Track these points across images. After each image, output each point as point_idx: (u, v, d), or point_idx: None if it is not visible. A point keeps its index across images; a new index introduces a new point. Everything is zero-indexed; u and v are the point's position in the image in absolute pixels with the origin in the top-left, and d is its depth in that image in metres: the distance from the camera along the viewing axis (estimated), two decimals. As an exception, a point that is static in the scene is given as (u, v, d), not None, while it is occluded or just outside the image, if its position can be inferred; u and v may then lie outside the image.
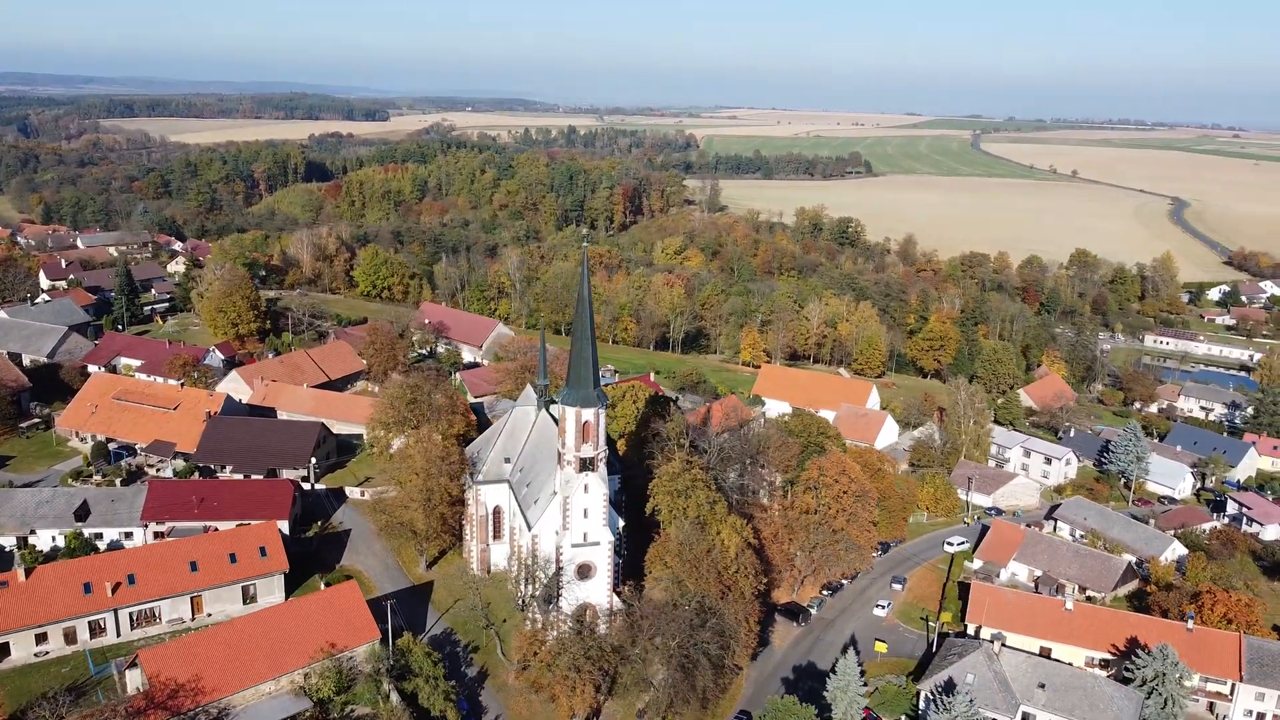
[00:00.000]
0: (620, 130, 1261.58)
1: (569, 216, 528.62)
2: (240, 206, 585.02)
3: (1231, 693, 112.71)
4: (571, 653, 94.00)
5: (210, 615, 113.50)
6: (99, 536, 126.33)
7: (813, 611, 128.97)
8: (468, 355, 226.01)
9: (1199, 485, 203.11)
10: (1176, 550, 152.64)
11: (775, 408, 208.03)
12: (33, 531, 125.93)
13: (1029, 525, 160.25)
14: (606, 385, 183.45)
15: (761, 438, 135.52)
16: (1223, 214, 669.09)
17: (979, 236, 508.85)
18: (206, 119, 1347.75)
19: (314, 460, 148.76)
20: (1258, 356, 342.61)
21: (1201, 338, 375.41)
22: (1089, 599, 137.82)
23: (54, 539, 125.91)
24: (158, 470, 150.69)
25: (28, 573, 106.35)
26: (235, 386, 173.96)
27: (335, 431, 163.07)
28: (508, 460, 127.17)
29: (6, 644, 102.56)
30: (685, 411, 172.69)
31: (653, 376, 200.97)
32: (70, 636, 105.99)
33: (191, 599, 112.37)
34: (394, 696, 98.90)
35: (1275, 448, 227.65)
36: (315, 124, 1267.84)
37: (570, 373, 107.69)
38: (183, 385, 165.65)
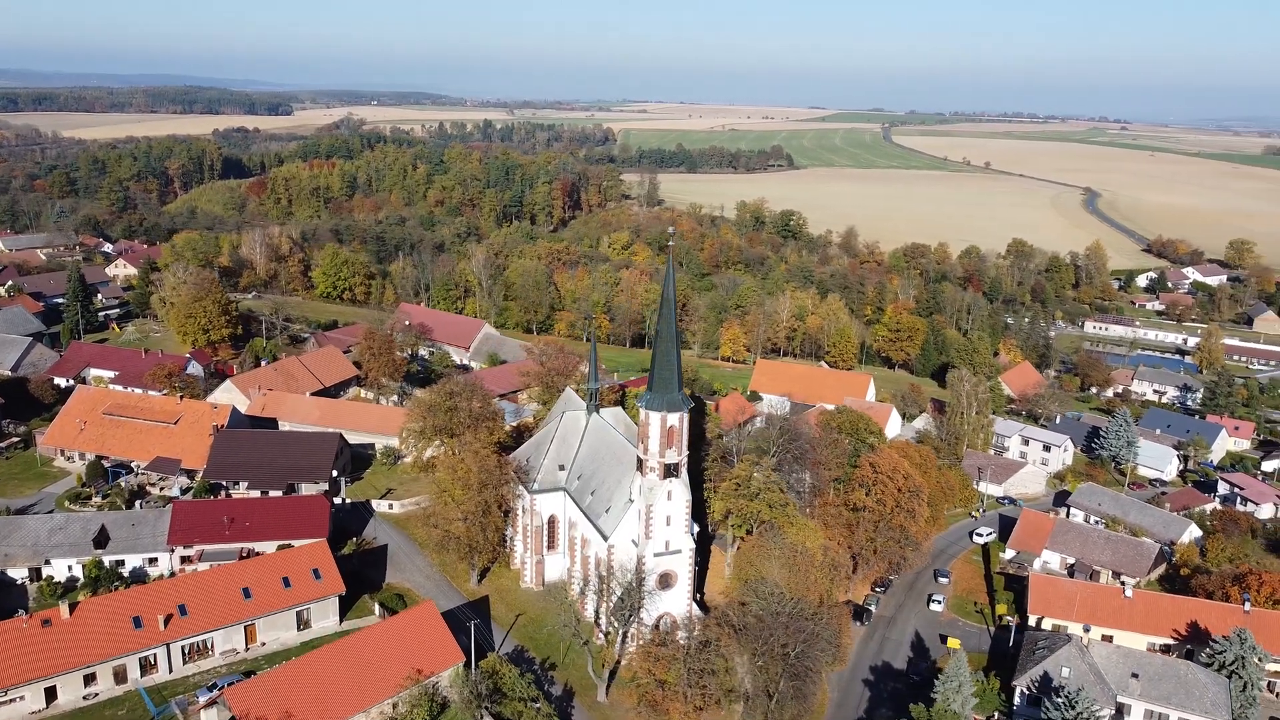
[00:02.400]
0: (537, 124, 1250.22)
1: (508, 212, 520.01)
2: (156, 205, 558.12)
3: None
4: (689, 666, 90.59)
5: (264, 644, 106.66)
6: (121, 564, 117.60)
7: (872, 609, 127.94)
8: (454, 358, 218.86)
9: (1182, 468, 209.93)
10: (1192, 532, 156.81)
11: (772, 403, 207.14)
12: (47, 561, 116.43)
13: (1052, 513, 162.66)
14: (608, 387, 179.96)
15: (810, 436, 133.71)
16: (1133, 203, 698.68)
17: (910, 228, 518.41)
18: (98, 113, 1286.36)
19: (335, 473, 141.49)
20: (1192, 341, 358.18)
21: (1138, 323, 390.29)
22: (1122, 584, 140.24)
23: (70, 569, 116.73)
24: (161, 489, 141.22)
25: (72, 608, 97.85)
26: (230, 397, 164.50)
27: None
28: (562, 468, 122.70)
29: (54, 687, 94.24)
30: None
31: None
32: (120, 675, 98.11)
33: (245, 628, 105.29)
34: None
35: (1236, 428, 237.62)
36: (217, 119, 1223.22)
37: (653, 377, 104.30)
38: (181, 397, 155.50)
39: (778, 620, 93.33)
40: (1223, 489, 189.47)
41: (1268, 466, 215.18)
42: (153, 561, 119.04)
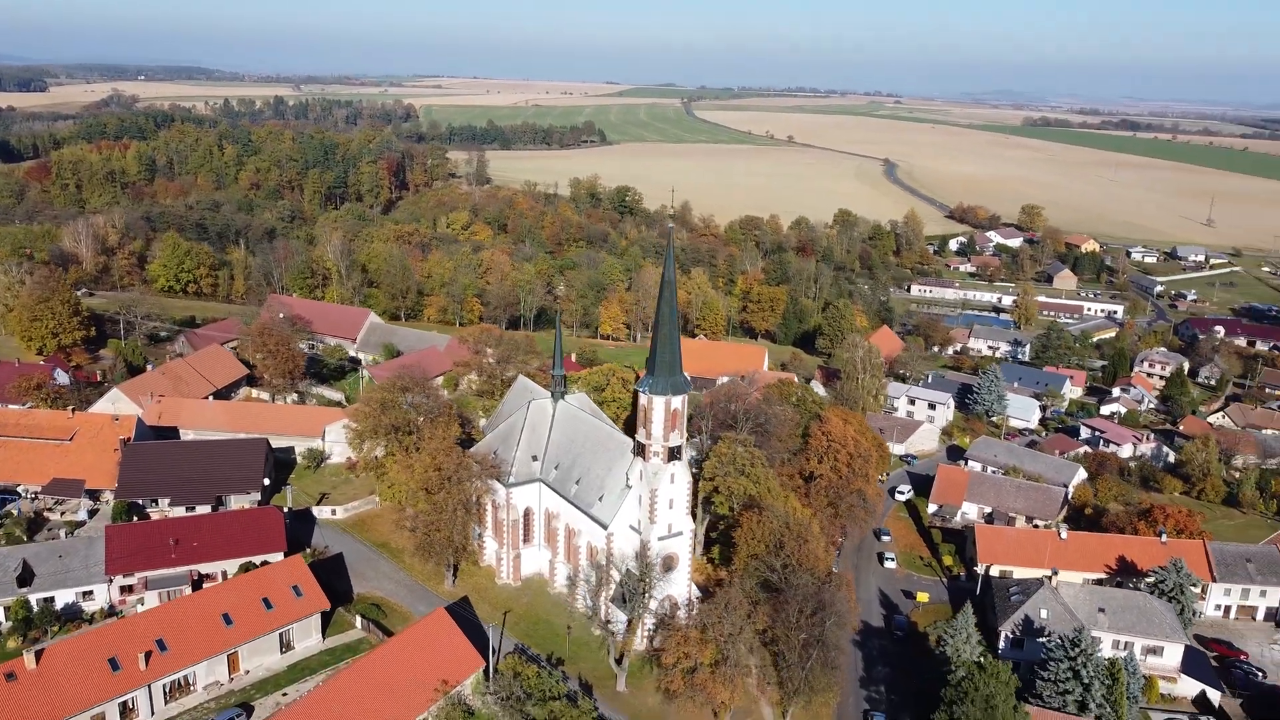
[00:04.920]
0: (332, 100, 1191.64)
1: (332, 194, 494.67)
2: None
3: (1203, 592, 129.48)
4: (735, 647, 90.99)
5: (248, 672, 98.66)
6: (51, 601, 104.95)
7: (836, 572, 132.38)
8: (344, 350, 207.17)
9: (1041, 416, 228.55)
10: (1080, 475, 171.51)
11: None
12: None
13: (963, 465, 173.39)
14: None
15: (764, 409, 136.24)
16: (929, 172, 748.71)
17: (735, 200, 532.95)
18: None
19: (267, 481, 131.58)
20: (1006, 299, 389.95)
21: (956, 284, 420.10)
22: (1035, 527, 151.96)
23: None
24: (63, 514, 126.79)
25: (38, 656, 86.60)
26: (119, 406, 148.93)
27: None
28: (535, 458, 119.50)
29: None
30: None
31: (574, 358, 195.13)
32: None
33: (228, 657, 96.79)
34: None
35: (1072, 378, 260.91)
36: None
37: (654, 361, 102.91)
38: (73, 410, 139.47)
39: (807, 591, 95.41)
40: (1084, 433, 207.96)
41: (1106, 410, 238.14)
42: (88, 595, 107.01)
